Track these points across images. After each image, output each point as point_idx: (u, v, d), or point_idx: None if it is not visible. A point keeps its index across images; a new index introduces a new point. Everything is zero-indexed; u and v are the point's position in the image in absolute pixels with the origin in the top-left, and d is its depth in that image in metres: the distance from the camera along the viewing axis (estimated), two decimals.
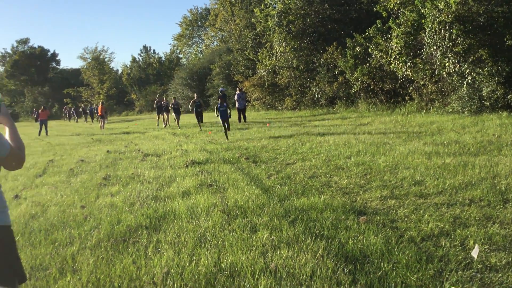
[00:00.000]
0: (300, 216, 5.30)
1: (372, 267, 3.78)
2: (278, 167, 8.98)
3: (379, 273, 3.66)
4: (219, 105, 15.28)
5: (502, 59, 13.94)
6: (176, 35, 72.29)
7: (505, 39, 13.73)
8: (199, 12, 67.54)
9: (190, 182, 7.86)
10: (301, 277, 3.67)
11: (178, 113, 23.62)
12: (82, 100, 71.78)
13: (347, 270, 3.74)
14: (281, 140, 13.07)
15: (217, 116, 15.44)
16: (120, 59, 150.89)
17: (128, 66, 75.40)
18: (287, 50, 26.87)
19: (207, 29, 65.41)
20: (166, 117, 26.44)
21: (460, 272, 3.62)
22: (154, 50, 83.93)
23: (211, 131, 18.66)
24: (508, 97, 14.05)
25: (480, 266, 3.70)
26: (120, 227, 5.45)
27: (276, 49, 27.87)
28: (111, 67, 77.24)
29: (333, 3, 25.76)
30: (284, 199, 6.23)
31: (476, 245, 3.95)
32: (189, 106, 21.09)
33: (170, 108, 25.03)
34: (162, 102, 26.89)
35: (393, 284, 3.45)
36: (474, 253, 3.82)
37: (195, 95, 20.91)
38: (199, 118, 21.15)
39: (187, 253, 4.40)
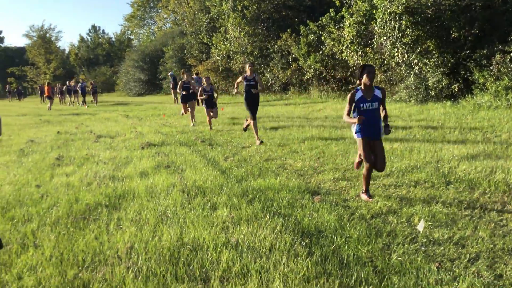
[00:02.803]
0: (257, 196, 5.52)
1: (326, 241, 4.05)
2: (234, 150, 9.16)
3: (333, 246, 3.93)
4: (246, 76, 10.00)
5: (447, 50, 14.62)
6: (127, 15, 70.49)
7: (451, 32, 14.39)
8: None
9: (147, 163, 7.91)
10: (261, 250, 3.89)
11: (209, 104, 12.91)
12: (27, 79, 69.04)
13: (304, 244, 3.99)
14: (236, 124, 13.24)
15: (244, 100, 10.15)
16: (68, 39, 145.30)
17: (76, 46, 73.14)
18: (241, 36, 26.92)
19: (160, 10, 64.14)
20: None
21: (406, 245, 3.94)
22: (103, 30, 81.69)
23: (165, 114, 18.56)
24: (452, 87, 14.79)
25: (424, 240, 4.04)
26: (79, 206, 5.48)
27: (231, 34, 27.87)
28: (58, 46, 74.62)
29: None
30: (241, 180, 6.43)
31: (422, 220, 4.31)
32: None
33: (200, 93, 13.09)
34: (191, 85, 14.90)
35: (345, 256, 3.73)
36: (420, 227, 4.17)
37: (204, 79, 13.04)
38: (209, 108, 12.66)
39: (149, 229, 4.52)
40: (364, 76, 5.32)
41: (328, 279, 3.37)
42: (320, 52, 21.00)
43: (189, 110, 14.57)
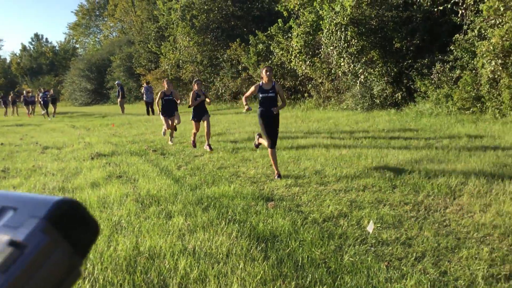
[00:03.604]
0: (212, 203, 5.58)
1: (281, 245, 4.16)
2: (186, 159, 9.17)
3: (288, 250, 4.05)
4: (262, 85, 7.07)
5: (391, 60, 15.24)
6: (71, 24, 68.86)
7: (393, 42, 15.03)
8: (97, 1, 64.90)
9: (98, 174, 7.79)
10: (218, 256, 3.95)
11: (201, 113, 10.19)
12: None
13: (260, 248, 4.09)
14: (187, 133, 13.22)
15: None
16: (9, 47, 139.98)
17: (17, 55, 70.62)
18: (190, 45, 26.94)
19: (106, 19, 63.12)
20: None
21: (357, 246, 4.12)
22: (46, 38, 79.25)
23: (114, 124, 18.25)
24: (396, 95, 15.42)
25: (374, 241, 4.23)
26: None
27: (180, 43, 27.83)
28: None
29: (235, 0, 26.27)
30: (195, 188, 6.47)
31: (371, 221, 4.51)
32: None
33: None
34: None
35: (300, 258, 3.85)
36: (370, 228, 4.37)
37: (195, 83, 10.06)
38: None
39: (104, 240, 4.49)
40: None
41: (285, 281, 3.48)
42: (270, 61, 21.33)
43: (171, 123, 11.47)
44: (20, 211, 0.48)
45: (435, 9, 14.16)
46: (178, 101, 11.68)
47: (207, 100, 10.08)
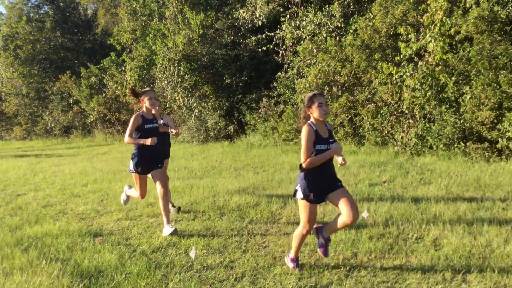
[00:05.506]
0: (33, 243, 5.27)
1: (106, 280, 4.12)
2: (7, 198, 8.46)
3: (113, 284, 4.03)
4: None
5: (222, 95, 16.05)
6: None
7: (224, 78, 15.88)
8: None
9: None
10: None
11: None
12: None
13: (82, 285, 3.99)
14: (10, 171, 12.18)
15: None
16: None
17: None
18: (14, 76, 25.04)
19: None
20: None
21: (183, 273, 4.26)
22: None
23: None
24: (229, 128, 16.21)
25: (199, 267, 4.42)
26: None
27: (2, 74, 25.68)
28: None
29: (65, 32, 25.26)
30: (15, 229, 6.03)
31: (193, 247, 4.70)
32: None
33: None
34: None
35: None
36: (192, 254, 4.55)
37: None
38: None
39: None
40: None
41: None
42: (104, 95, 20.82)
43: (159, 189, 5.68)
44: None
45: (260, 49, 15.40)
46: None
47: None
